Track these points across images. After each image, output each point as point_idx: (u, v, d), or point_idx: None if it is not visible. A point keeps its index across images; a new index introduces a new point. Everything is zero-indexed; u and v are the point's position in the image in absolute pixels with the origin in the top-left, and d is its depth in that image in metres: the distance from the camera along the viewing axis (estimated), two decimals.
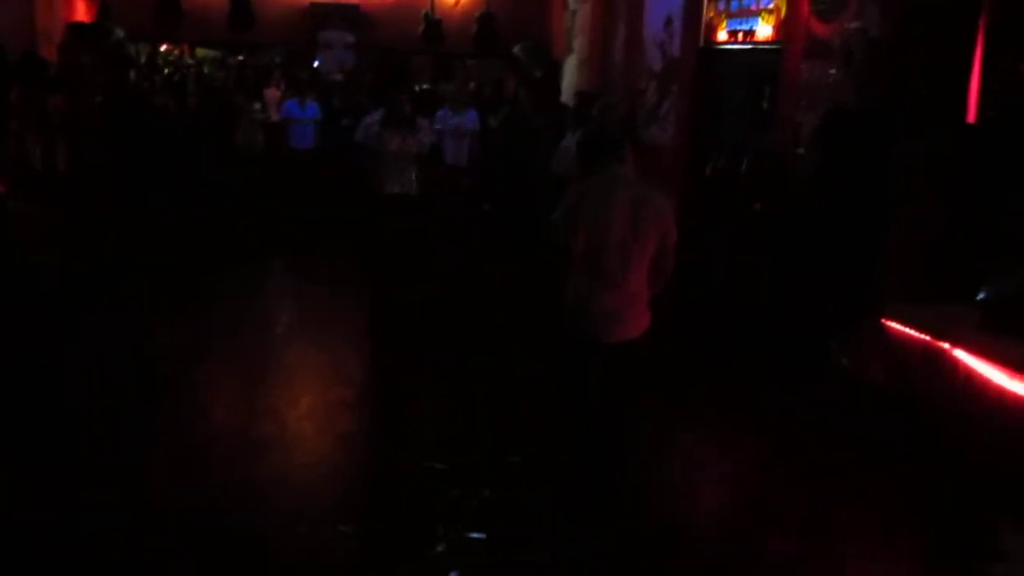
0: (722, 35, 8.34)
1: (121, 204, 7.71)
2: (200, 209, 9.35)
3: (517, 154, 9.65)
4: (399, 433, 4.85)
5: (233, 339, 6.20)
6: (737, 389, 5.60)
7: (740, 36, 8.05)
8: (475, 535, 3.75)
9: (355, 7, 12.13)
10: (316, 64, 11.93)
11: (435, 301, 7.12)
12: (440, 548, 3.64)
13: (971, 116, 5.31)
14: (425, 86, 11.67)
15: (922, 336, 4.14)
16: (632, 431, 3.86)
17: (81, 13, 10.93)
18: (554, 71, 12.31)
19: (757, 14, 7.73)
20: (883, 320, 4.36)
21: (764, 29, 7.65)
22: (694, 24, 8.75)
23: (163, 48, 11.44)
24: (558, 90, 11.44)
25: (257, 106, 9.76)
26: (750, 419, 5.17)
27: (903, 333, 4.19)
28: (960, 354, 4.05)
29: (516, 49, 12.23)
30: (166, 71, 11.20)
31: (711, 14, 8.50)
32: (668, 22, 9.37)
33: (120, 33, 10.58)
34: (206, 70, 11.45)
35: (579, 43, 11.94)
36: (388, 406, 5.32)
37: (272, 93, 10.59)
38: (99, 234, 6.91)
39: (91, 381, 5.20)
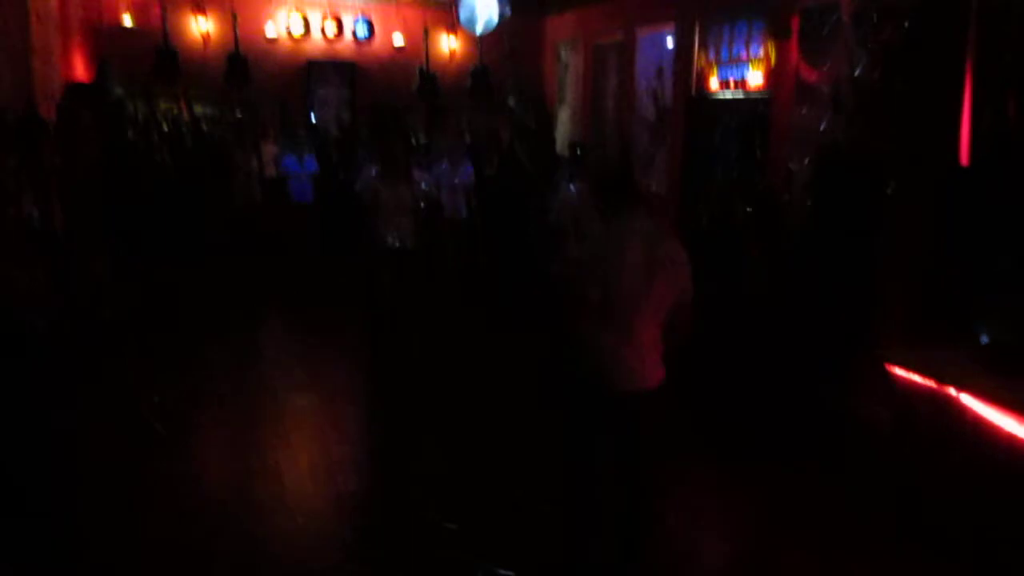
0: (713, 83, 8.44)
1: (117, 261, 7.70)
2: (197, 265, 9.37)
3: (513, 204, 9.70)
4: (401, 492, 4.78)
5: (231, 397, 6.14)
6: (736, 439, 5.54)
7: (731, 84, 8.15)
8: None
9: (351, 64, 12.31)
10: (312, 120, 12.05)
11: (434, 355, 7.08)
12: None
13: (963, 158, 5.34)
14: (421, 139, 11.79)
15: (926, 381, 4.10)
16: (650, 490, 3.77)
17: (80, 71, 11.06)
18: (548, 122, 12.45)
19: (747, 62, 7.84)
20: (885, 364, 4.33)
21: (755, 77, 7.75)
22: (685, 73, 8.88)
23: (161, 105, 11.55)
24: (552, 140, 11.56)
25: (255, 161, 9.82)
26: (754, 471, 5.11)
27: (906, 378, 4.16)
28: (967, 399, 4.01)
29: (510, 101, 12.38)
30: (164, 128, 11.30)
31: (702, 63, 8.62)
32: (659, 72, 9.50)
33: (118, 91, 10.70)
34: (203, 127, 11.55)
35: (572, 94, 12.11)
36: (389, 464, 5.24)
37: (270, 148, 10.66)
38: (95, 292, 6.89)
39: (86, 441, 5.14)
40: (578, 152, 8.82)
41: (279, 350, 7.48)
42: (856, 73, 6.44)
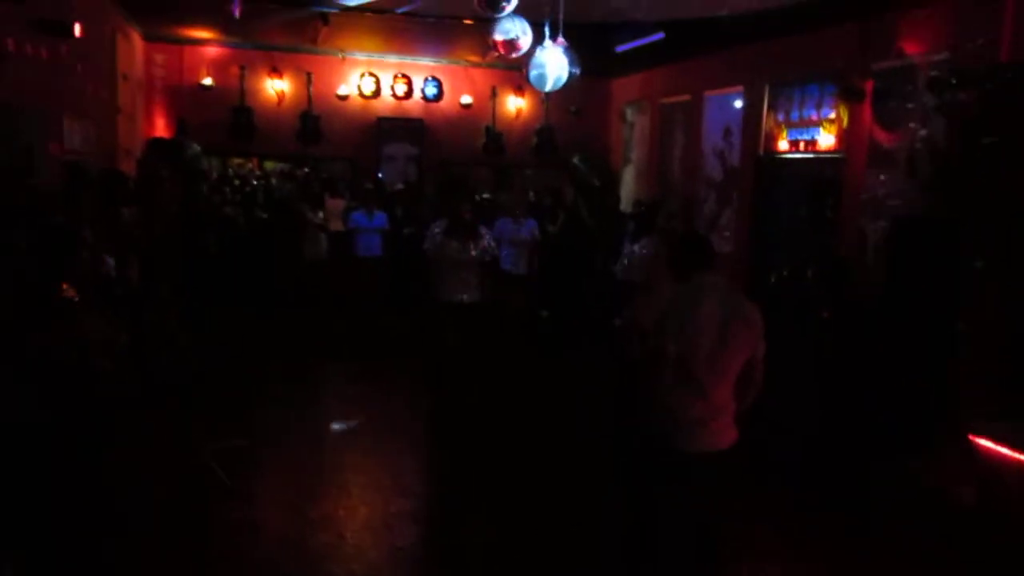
0: (783, 144, 8.37)
1: (188, 313, 7.87)
2: (266, 317, 9.54)
3: (576, 261, 9.69)
4: (460, 548, 4.71)
5: (293, 447, 6.17)
6: (812, 510, 5.33)
7: (801, 145, 8.08)
8: None
9: (419, 121, 12.57)
10: (380, 175, 12.29)
11: (496, 409, 7.03)
12: None
13: None
14: (486, 195, 11.92)
15: (1015, 453, 3.89)
16: (717, 553, 3.66)
17: (160, 130, 11.53)
18: (612, 180, 12.49)
19: (818, 124, 7.78)
20: (971, 437, 4.13)
21: (826, 138, 7.67)
22: (753, 134, 8.83)
23: (234, 161, 11.94)
24: (617, 198, 11.57)
25: (320, 215, 10.03)
26: (828, 545, 4.90)
27: (995, 452, 3.95)
28: None
29: (575, 159, 12.46)
30: (236, 183, 11.65)
31: (770, 124, 8.58)
32: (727, 132, 9.47)
33: (196, 148, 11.10)
34: (274, 182, 11.87)
35: (637, 153, 12.14)
36: (448, 519, 5.18)
37: (334, 203, 10.89)
38: (166, 344, 7.02)
39: (148, 488, 5.19)
40: (642, 210, 8.79)
41: (342, 401, 7.51)
42: (932, 137, 6.33)
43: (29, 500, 3.94)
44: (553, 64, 5.87)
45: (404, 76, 12.34)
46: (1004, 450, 3.92)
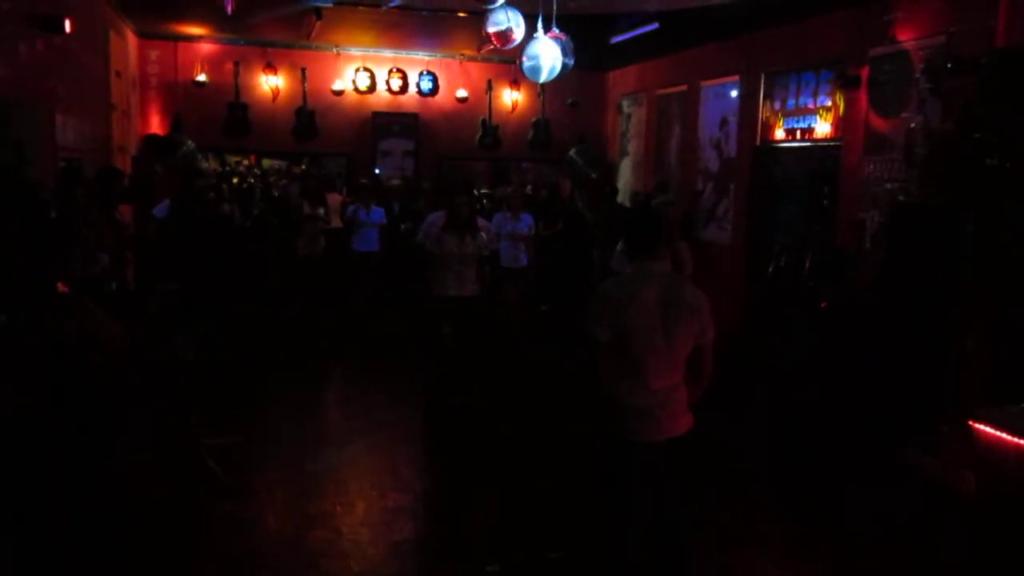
0: (779, 133, 8.34)
1: (184, 310, 7.83)
2: (261, 313, 9.52)
3: (575, 254, 9.66)
4: (458, 541, 4.70)
5: (288, 444, 6.15)
6: (811, 498, 5.32)
7: (798, 134, 8.04)
8: None
9: (415, 115, 12.53)
10: (376, 171, 12.26)
11: (493, 404, 7.01)
12: None
13: None
14: (483, 190, 11.87)
15: (1018, 440, 3.86)
16: (687, 539, 3.64)
17: (155, 127, 11.49)
18: (610, 173, 12.46)
19: (815, 112, 7.74)
20: (971, 423, 4.10)
21: (822, 126, 7.63)
22: (750, 123, 8.80)
23: (231, 158, 11.90)
24: (615, 191, 11.54)
25: (321, 211, 10.00)
26: (829, 534, 4.88)
27: (996, 438, 3.93)
28: None
29: (572, 152, 12.44)
30: (234, 180, 11.61)
31: (767, 113, 8.54)
32: (723, 122, 9.43)
33: (191, 145, 11.06)
34: (271, 179, 11.84)
35: (634, 145, 12.10)
36: (446, 512, 5.16)
37: (334, 198, 10.87)
38: (161, 340, 6.99)
39: (145, 485, 5.17)
40: (638, 201, 8.77)
41: (338, 396, 7.49)
42: (928, 123, 6.29)
43: (23, 497, 3.92)
44: (546, 55, 5.83)
45: (399, 71, 12.28)
46: (1004, 435, 3.90)
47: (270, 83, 11.91)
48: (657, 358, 3.38)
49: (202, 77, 11.61)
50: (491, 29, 5.83)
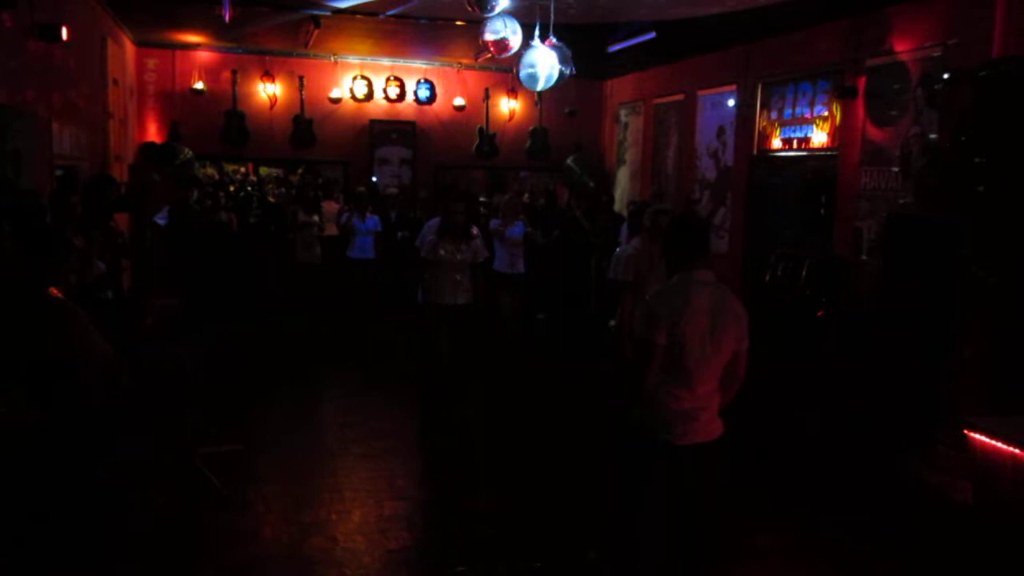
0: (776, 143, 8.36)
1: (180, 316, 7.81)
2: (257, 320, 9.49)
3: (572, 262, 9.66)
4: (453, 549, 4.67)
5: (285, 451, 6.13)
6: (807, 508, 5.30)
7: (795, 143, 8.06)
8: None
9: (412, 123, 12.54)
10: (374, 179, 12.26)
11: (490, 412, 6.99)
12: None
13: None
14: (481, 198, 11.88)
15: (1011, 448, 3.86)
16: (711, 544, 3.65)
17: (152, 135, 11.49)
18: (607, 181, 12.48)
19: (812, 121, 7.76)
20: (968, 433, 4.10)
21: (819, 136, 7.65)
22: (747, 133, 8.82)
23: (228, 166, 11.90)
24: (612, 199, 11.56)
25: (316, 218, 10.00)
26: (824, 543, 4.87)
27: (993, 447, 3.92)
28: None
29: (569, 160, 12.46)
30: (231, 188, 11.62)
31: (764, 123, 8.56)
32: (720, 132, 9.46)
33: (188, 153, 11.06)
34: (268, 187, 11.85)
35: (631, 154, 12.12)
36: (442, 521, 5.14)
37: (331, 206, 10.87)
38: (158, 347, 6.97)
39: (141, 494, 5.15)
40: (635, 209, 8.75)
41: (335, 404, 7.47)
42: (925, 133, 6.31)
43: (19, 504, 3.90)
44: (543, 63, 5.84)
45: (397, 79, 12.30)
46: (1000, 445, 3.89)
47: (268, 91, 11.93)
48: (704, 364, 3.47)
49: (200, 85, 11.62)
50: (488, 38, 5.84)
